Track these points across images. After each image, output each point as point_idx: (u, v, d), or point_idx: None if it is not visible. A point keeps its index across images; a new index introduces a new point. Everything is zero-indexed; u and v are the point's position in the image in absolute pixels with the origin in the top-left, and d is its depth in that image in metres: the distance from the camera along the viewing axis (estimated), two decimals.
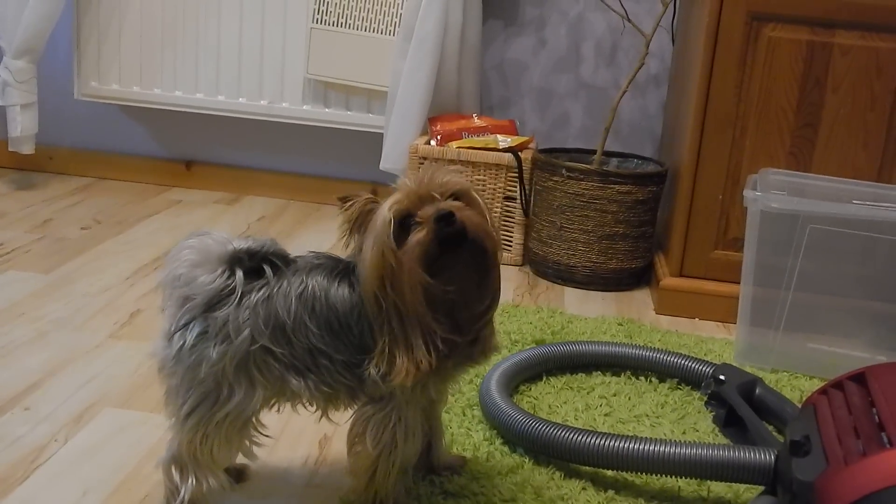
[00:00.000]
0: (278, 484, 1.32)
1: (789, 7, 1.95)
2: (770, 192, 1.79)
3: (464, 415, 1.51)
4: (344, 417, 1.20)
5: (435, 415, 1.29)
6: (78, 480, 1.29)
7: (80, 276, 2.08)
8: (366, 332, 1.13)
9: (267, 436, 1.20)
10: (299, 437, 1.42)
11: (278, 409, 1.18)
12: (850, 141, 2.00)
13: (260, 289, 1.12)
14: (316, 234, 2.52)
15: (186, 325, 1.12)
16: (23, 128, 2.62)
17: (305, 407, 1.18)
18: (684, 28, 2.38)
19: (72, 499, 1.24)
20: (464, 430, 1.46)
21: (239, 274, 1.12)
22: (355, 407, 1.19)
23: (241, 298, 1.11)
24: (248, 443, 1.18)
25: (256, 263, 1.13)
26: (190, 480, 1.14)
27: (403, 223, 1.08)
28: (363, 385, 1.15)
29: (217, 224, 2.55)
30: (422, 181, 1.11)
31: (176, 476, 1.14)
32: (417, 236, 1.07)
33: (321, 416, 1.19)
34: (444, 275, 1.08)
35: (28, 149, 2.66)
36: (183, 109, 2.74)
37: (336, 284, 1.14)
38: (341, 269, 1.15)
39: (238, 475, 1.29)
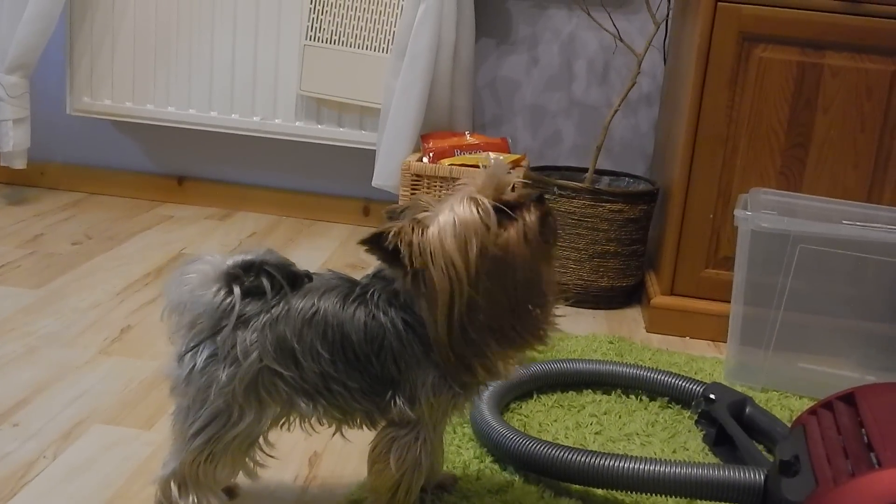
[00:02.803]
0: (268, 501, 1.31)
1: (780, 28, 1.97)
2: (760, 212, 1.80)
3: (454, 433, 1.51)
4: (336, 433, 1.20)
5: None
6: (67, 497, 1.28)
7: (70, 291, 2.08)
8: (388, 364, 1.12)
9: (272, 456, 1.20)
10: (289, 454, 1.42)
11: (289, 428, 1.18)
12: (840, 161, 2.01)
13: (269, 310, 1.11)
14: (308, 250, 2.52)
15: (196, 347, 1.12)
16: (15, 143, 2.61)
17: (313, 427, 1.17)
18: (676, 48, 2.40)
19: None
20: (454, 447, 1.46)
21: (236, 290, 1.11)
22: (373, 428, 1.18)
23: (249, 320, 1.11)
24: (251, 463, 1.18)
25: (255, 276, 1.13)
26: (191, 498, 1.13)
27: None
28: (383, 411, 1.15)
29: (208, 240, 2.55)
30: (495, 174, 1.12)
31: (174, 492, 1.14)
32: (532, 216, 1.11)
33: (334, 433, 1.18)
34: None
35: (20, 164, 2.66)
36: (175, 125, 2.74)
37: (352, 312, 1.12)
38: (358, 295, 1.14)
39: (229, 493, 1.28)
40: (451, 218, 1.08)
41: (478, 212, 1.09)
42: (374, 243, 1.10)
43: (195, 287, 1.13)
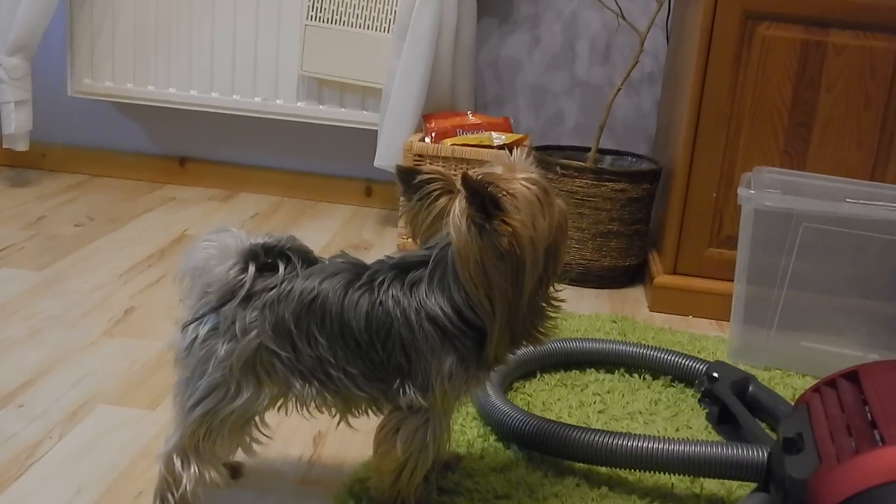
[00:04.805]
0: (273, 480, 1.32)
1: (784, 6, 1.96)
2: (764, 191, 1.80)
3: (457, 411, 1.51)
4: (340, 422, 1.20)
5: None
6: (72, 478, 1.29)
7: (73, 273, 2.08)
8: (395, 353, 1.12)
9: (268, 436, 1.20)
10: (294, 433, 1.42)
11: (286, 412, 1.17)
12: (843, 140, 2.00)
13: (271, 289, 1.11)
14: (310, 231, 2.52)
15: (201, 318, 1.12)
16: (17, 125, 2.60)
17: (311, 413, 1.17)
18: (679, 26, 2.39)
19: (66, 496, 1.24)
20: (458, 426, 1.47)
21: (251, 269, 1.11)
22: (379, 415, 1.18)
23: (251, 297, 1.11)
24: (248, 440, 1.18)
25: (272, 259, 1.13)
26: (193, 470, 1.14)
27: None
28: (390, 398, 1.15)
29: (211, 221, 2.55)
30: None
31: (178, 466, 1.14)
32: (562, 203, 1.16)
33: (339, 422, 1.18)
34: None
35: (22, 146, 2.65)
36: (177, 106, 2.74)
37: (356, 299, 1.12)
38: (364, 282, 1.13)
39: (233, 471, 1.29)
40: (526, 185, 1.10)
41: (541, 186, 1.11)
42: (474, 189, 1.07)
43: (212, 256, 1.13)
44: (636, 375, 1.73)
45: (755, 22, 1.97)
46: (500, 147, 2.35)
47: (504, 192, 1.08)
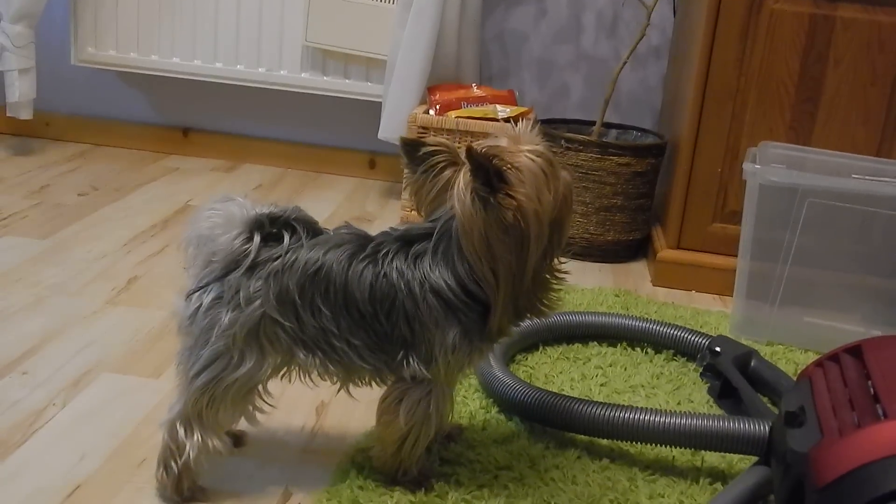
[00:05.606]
0: (275, 449, 1.33)
1: None
2: (770, 166, 1.79)
3: (460, 383, 1.51)
4: (341, 390, 1.20)
5: None
6: (76, 444, 1.29)
7: (77, 242, 2.08)
8: (399, 325, 1.12)
9: (271, 405, 1.20)
10: (296, 403, 1.43)
11: (290, 380, 1.18)
12: (850, 116, 1.99)
13: (275, 259, 1.11)
14: (313, 202, 2.52)
15: (205, 286, 1.12)
16: (21, 93, 2.60)
17: (314, 381, 1.17)
18: None
19: (69, 463, 1.25)
20: (460, 398, 1.47)
21: (256, 238, 1.11)
22: (382, 385, 1.19)
23: (255, 267, 1.11)
24: (251, 408, 1.19)
25: (278, 229, 1.13)
26: (196, 438, 1.14)
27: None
28: (393, 369, 1.15)
29: (214, 192, 2.54)
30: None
31: (181, 434, 1.14)
32: (567, 174, 1.15)
33: (339, 389, 1.19)
34: None
35: (26, 114, 2.65)
36: (180, 76, 2.73)
37: (360, 270, 1.12)
38: (368, 253, 1.13)
39: (236, 440, 1.29)
40: (531, 158, 1.10)
41: (547, 159, 1.11)
42: (479, 162, 1.06)
43: (217, 225, 1.12)
44: (638, 349, 1.73)
45: None
46: (505, 120, 2.34)
47: (509, 165, 1.08)
